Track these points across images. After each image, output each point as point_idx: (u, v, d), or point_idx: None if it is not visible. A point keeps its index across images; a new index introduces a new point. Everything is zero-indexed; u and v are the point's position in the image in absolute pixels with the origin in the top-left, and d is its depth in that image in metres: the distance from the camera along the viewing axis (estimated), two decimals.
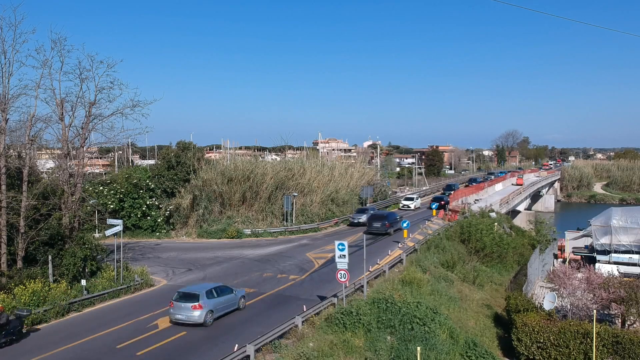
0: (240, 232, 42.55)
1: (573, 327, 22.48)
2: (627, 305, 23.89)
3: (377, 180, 62.38)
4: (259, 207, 45.17)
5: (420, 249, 34.89)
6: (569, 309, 24.91)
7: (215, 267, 33.03)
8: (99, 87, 29.17)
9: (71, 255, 26.36)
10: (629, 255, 37.36)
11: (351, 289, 25.75)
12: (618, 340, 21.63)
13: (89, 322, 22.70)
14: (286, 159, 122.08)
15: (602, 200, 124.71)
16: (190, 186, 44.83)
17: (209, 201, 44.03)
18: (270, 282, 29.07)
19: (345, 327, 21.14)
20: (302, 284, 28.57)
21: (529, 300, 25.79)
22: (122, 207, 43.49)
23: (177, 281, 29.66)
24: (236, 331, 21.46)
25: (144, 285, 28.10)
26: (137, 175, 45.06)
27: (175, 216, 44.61)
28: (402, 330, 21.82)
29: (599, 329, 21.89)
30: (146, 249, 38.83)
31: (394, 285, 26.39)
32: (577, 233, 46.12)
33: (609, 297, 24.12)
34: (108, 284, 26.68)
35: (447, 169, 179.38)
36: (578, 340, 22.26)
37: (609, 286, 24.23)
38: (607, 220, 38.48)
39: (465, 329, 25.04)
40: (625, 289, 24.16)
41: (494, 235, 37.42)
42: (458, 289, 29.54)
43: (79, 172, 28.79)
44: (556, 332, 22.57)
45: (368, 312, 22.39)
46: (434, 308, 24.30)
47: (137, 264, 32.43)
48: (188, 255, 36.77)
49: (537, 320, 23.29)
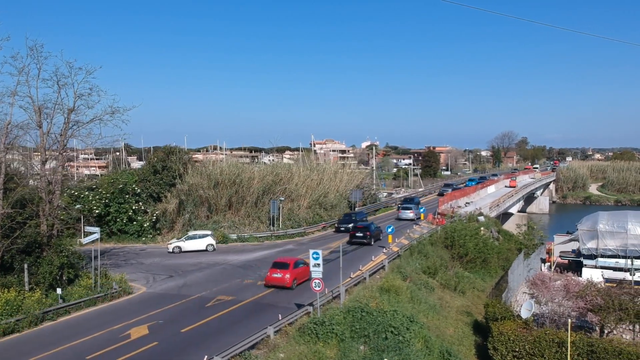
0: (226, 237, 42.39)
1: (549, 336, 22.40)
2: (605, 314, 23.78)
3: (366, 184, 62.19)
4: (246, 212, 45.02)
5: (404, 254, 34.76)
6: (546, 317, 24.79)
7: (197, 273, 32.87)
8: (78, 94, 29.03)
9: (48, 264, 26.18)
10: (615, 260, 37.30)
11: (328, 297, 25.59)
12: (593, 349, 21.55)
13: (62, 332, 22.53)
14: (283, 160, 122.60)
15: (598, 201, 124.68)
16: (177, 191, 44.69)
17: (194, 206, 43.90)
18: (250, 289, 28.91)
19: (317, 337, 20.99)
20: (281, 292, 28.32)
21: (507, 308, 25.69)
22: (108, 212, 43.31)
23: (157, 288, 29.51)
24: (209, 341, 21.29)
25: (122, 293, 27.91)
26: (123, 179, 44.89)
27: (162, 221, 44.46)
28: (376, 339, 21.68)
29: (574, 338, 21.78)
30: (130, 255, 38.68)
31: (372, 293, 26.24)
32: (565, 237, 46.08)
33: (586, 306, 24.01)
34: (85, 292, 26.50)
35: (444, 170, 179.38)
36: (553, 349, 22.17)
37: (586, 294, 24.12)
38: (593, 225, 38.41)
39: (443, 337, 24.94)
40: (602, 297, 24.06)
41: (478, 240, 37.26)
42: (439, 296, 29.40)
43: (57, 179, 28.60)
44: (532, 341, 22.49)
45: (342, 321, 22.24)
46: (411, 316, 24.16)
47: (119, 270, 32.30)
48: (172, 261, 36.61)
49: (513, 328, 23.20)
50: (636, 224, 37.51)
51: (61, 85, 28.35)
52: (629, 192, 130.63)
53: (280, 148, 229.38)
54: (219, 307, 25.70)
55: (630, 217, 38.08)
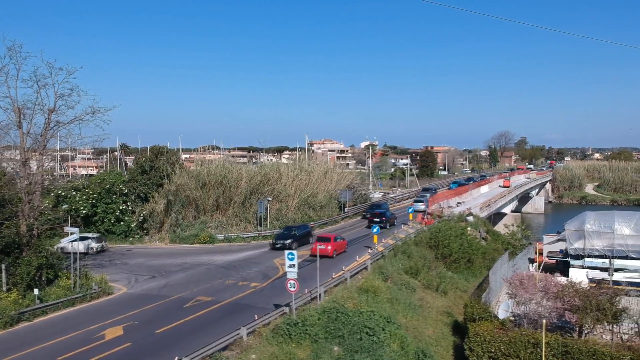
0: (213, 237, 42.36)
1: (524, 337, 22.35)
2: (582, 314, 23.71)
3: (357, 184, 62.11)
4: (233, 212, 44.98)
5: (388, 255, 34.71)
6: (524, 317, 24.73)
7: (180, 274, 32.83)
8: (59, 94, 29.00)
9: (26, 264, 26.14)
10: (602, 260, 37.23)
11: (307, 297, 25.55)
12: (567, 350, 21.50)
13: (37, 332, 22.47)
14: (282, 160, 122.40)
15: (594, 201, 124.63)
16: (164, 191, 44.64)
17: (182, 206, 43.85)
18: (231, 289, 28.86)
19: (290, 337, 20.94)
20: (262, 292, 28.36)
21: (485, 308, 25.63)
22: (95, 213, 43.25)
23: (138, 289, 29.46)
24: (183, 342, 21.21)
25: (102, 294, 27.85)
26: (110, 180, 44.85)
27: (149, 221, 44.41)
28: (351, 340, 21.63)
29: (549, 339, 21.73)
30: (116, 255, 38.64)
31: (351, 294, 26.17)
32: (555, 237, 46.00)
33: (564, 306, 23.95)
34: (64, 293, 26.45)
35: (441, 170, 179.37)
36: (529, 350, 22.13)
37: (564, 295, 24.06)
38: (580, 225, 38.33)
39: (421, 338, 24.90)
40: (580, 298, 23.99)
41: (463, 240, 37.17)
42: (420, 296, 29.34)
43: (37, 180, 28.56)
44: (507, 341, 22.44)
45: (317, 322, 22.18)
46: (389, 317, 24.11)
47: (103, 271, 32.27)
48: (156, 261, 36.56)
49: (489, 329, 23.14)
50: (623, 224, 37.43)
51: (41, 86, 28.36)
52: (625, 192, 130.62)
53: (279, 148, 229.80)
54: (198, 307, 25.65)
55: (617, 217, 37.99)
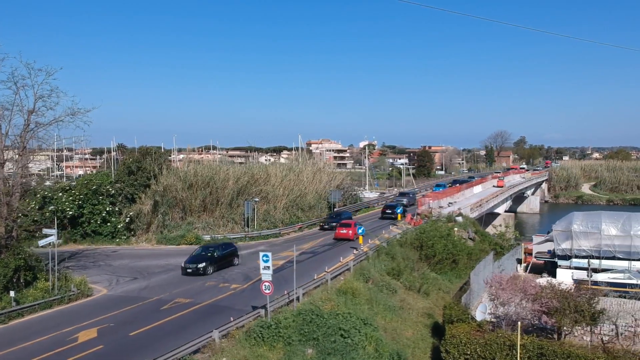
0: (200, 238, 42.21)
1: (499, 339, 22.19)
2: (560, 316, 23.55)
3: (347, 184, 61.97)
4: (220, 213, 44.86)
5: (372, 256, 34.57)
6: (502, 319, 24.58)
7: (162, 275, 32.69)
8: (38, 95, 28.90)
9: (3, 266, 26.02)
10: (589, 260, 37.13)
11: (285, 299, 25.39)
12: (543, 352, 21.36)
13: (10, 335, 22.34)
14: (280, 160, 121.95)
15: (590, 201, 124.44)
16: (151, 192, 44.53)
17: (169, 207, 43.71)
18: (211, 291, 28.73)
19: (263, 340, 20.81)
20: (242, 294, 28.23)
21: (464, 310, 25.48)
22: (82, 214, 43.12)
23: (118, 291, 29.34)
24: (157, 344, 21.04)
25: (81, 296, 27.72)
26: (97, 180, 44.71)
27: (136, 222, 44.27)
28: (325, 343, 21.50)
29: (524, 341, 21.61)
30: (100, 256, 38.50)
31: (330, 295, 26.03)
32: (544, 237, 45.83)
33: (541, 308, 23.79)
34: (41, 295, 26.32)
35: (439, 170, 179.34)
36: (504, 352, 21.98)
37: (541, 297, 23.90)
38: (568, 225, 38.20)
39: (399, 340, 24.78)
40: (558, 299, 23.84)
41: (448, 241, 37.02)
42: (401, 298, 29.21)
43: (16, 181, 28.43)
44: (483, 344, 22.28)
45: (292, 324, 22.06)
46: (366, 319, 24.00)
47: (86, 272, 32.17)
48: (140, 262, 36.42)
49: (466, 331, 22.99)
50: (610, 225, 37.30)
51: (20, 87, 28.24)
52: (622, 192, 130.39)
53: (278, 148, 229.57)
54: (175, 309, 25.52)
55: (604, 218, 37.87)
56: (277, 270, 32.50)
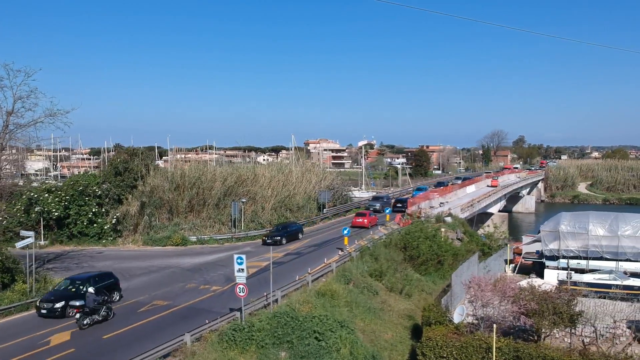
0: (186, 239, 42.02)
1: (476, 342, 21.96)
2: (538, 318, 23.36)
3: (337, 184, 61.73)
4: (207, 214, 44.65)
5: (356, 257, 34.36)
6: (480, 321, 24.37)
7: (142, 277, 32.47)
8: (17, 96, 28.74)
9: None
10: (577, 261, 36.95)
11: (262, 302, 25.18)
12: (519, 355, 21.14)
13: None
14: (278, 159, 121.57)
15: (586, 200, 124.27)
16: (138, 193, 44.32)
17: (155, 208, 43.51)
18: (190, 293, 28.52)
19: (235, 343, 20.61)
20: (221, 296, 28.00)
21: (442, 312, 25.27)
22: (68, 215, 42.90)
23: None
24: (130, 347, 20.84)
25: None
26: (84, 181, 44.48)
27: (123, 223, 44.07)
28: (300, 346, 21.31)
29: (500, 344, 21.41)
30: (85, 258, 38.25)
31: (308, 297, 25.82)
32: (533, 237, 45.62)
33: (520, 310, 23.60)
34: (18, 297, 26.15)
35: (436, 169, 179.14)
36: (480, 354, 21.76)
37: (520, 299, 23.70)
38: (555, 226, 38.01)
39: (377, 342, 24.56)
40: (537, 301, 23.64)
41: (433, 242, 36.77)
42: (382, 299, 28.98)
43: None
44: (459, 346, 22.06)
45: (266, 326, 21.84)
46: (343, 321, 23.78)
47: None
48: (124, 264, 36.17)
49: (443, 333, 22.77)
50: (597, 225, 37.11)
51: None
52: (618, 191, 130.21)
53: (276, 147, 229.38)
54: (152, 312, 25.32)
55: (592, 218, 37.68)
56: (260, 272, 32.39)
